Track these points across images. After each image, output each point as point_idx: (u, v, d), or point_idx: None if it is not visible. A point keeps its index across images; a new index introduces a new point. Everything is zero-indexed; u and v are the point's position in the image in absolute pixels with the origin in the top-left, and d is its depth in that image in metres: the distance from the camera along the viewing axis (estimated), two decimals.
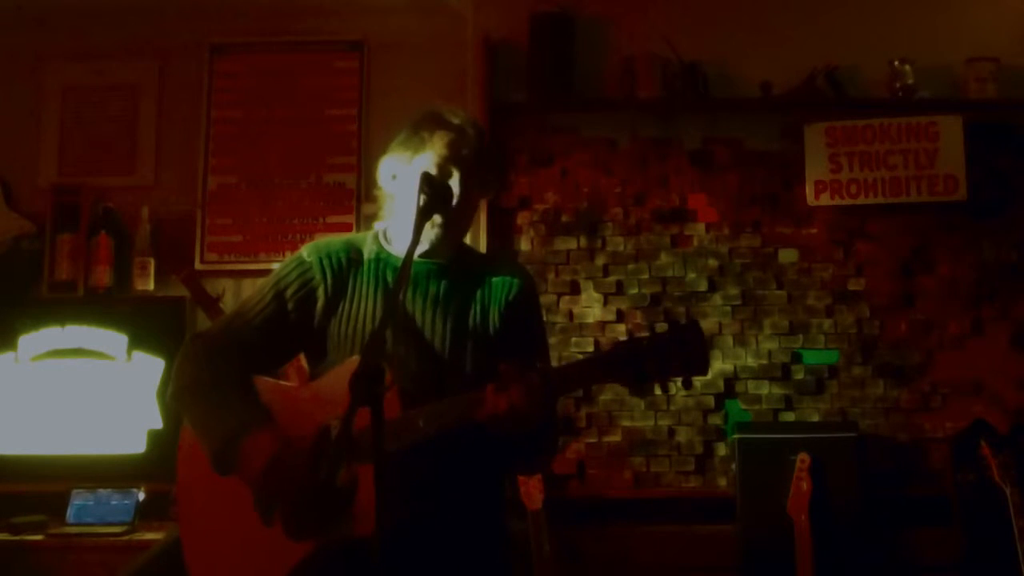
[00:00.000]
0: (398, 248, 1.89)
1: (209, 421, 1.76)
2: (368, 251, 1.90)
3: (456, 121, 1.87)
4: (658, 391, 1.62)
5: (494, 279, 1.90)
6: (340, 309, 1.85)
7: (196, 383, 1.81)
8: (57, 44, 3.72)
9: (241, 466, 1.69)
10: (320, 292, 1.85)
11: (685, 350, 1.57)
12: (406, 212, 1.82)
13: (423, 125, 1.87)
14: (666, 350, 1.57)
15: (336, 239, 1.95)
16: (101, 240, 3.48)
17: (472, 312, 1.87)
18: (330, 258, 1.87)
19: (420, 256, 1.83)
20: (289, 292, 1.86)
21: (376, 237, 1.93)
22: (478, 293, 1.88)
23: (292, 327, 1.86)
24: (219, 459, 1.72)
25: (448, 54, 3.60)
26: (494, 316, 1.88)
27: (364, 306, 1.84)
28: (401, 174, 1.88)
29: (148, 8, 3.65)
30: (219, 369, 1.80)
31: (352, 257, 1.89)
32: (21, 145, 3.68)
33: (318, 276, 1.86)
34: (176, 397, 1.84)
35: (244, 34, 3.71)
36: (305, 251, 1.90)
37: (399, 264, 1.83)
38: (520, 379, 1.61)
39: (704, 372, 1.61)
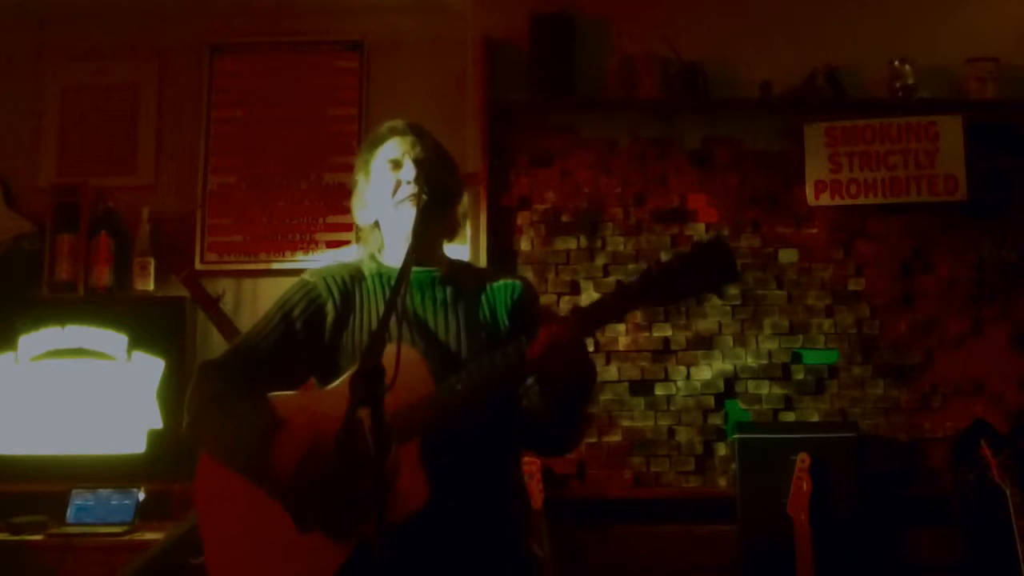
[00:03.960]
0: (395, 262, 1.90)
1: (232, 432, 1.73)
2: (368, 269, 1.93)
3: (388, 127, 1.94)
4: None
5: (495, 285, 1.94)
6: (350, 321, 1.85)
7: (213, 402, 1.79)
8: (57, 44, 3.73)
9: (274, 464, 1.67)
10: (329, 307, 1.86)
11: (715, 262, 1.60)
12: (389, 224, 1.89)
13: (364, 149, 1.95)
14: (697, 265, 1.60)
15: (333, 264, 1.99)
16: (101, 240, 3.48)
17: (481, 312, 1.90)
18: (333, 277, 1.89)
19: (421, 266, 1.85)
20: (296, 312, 1.86)
21: (372, 257, 1.96)
22: (483, 296, 1.92)
23: (302, 347, 1.86)
24: (249, 464, 1.69)
25: (448, 54, 3.61)
26: (502, 315, 1.90)
27: (373, 316, 1.85)
28: (368, 196, 1.94)
29: (148, 8, 3.65)
30: (234, 389, 1.79)
31: (354, 275, 1.91)
32: (21, 145, 3.69)
33: (324, 293, 1.87)
34: (194, 424, 1.80)
35: (244, 34, 3.71)
36: (307, 274, 1.92)
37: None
38: (559, 317, 1.64)
39: (735, 279, 1.66)
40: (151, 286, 3.49)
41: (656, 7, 3.53)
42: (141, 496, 3.17)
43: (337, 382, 1.80)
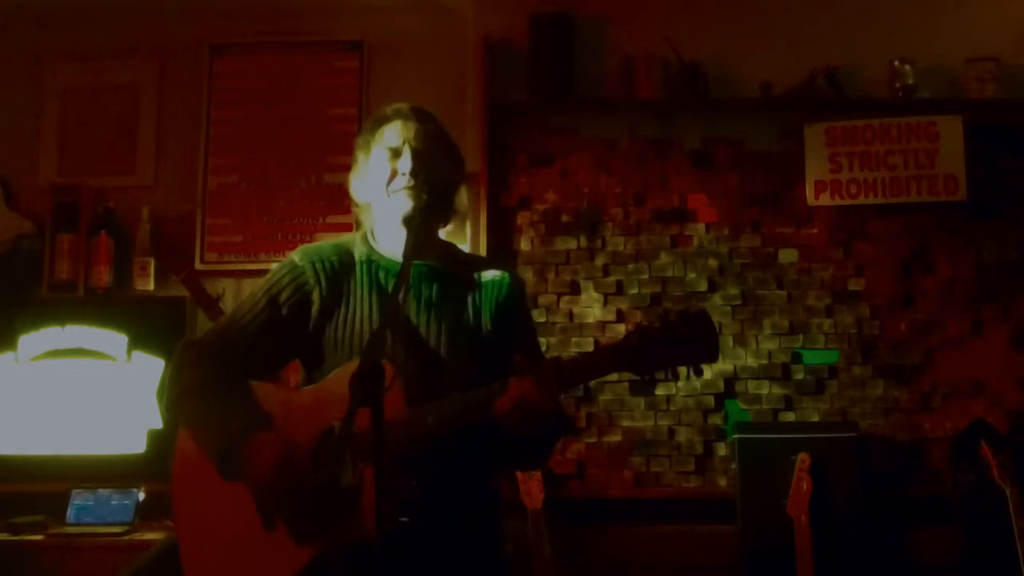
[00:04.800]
0: (386, 247, 1.90)
1: (210, 425, 1.73)
2: (359, 253, 1.90)
3: (393, 109, 1.91)
4: (665, 379, 1.63)
5: (484, 280, 1.92)
6: (336, 313, 1.84)
7: (193, 388, 1.79)
8: (57, 44, 3.73)
9: (246, 469, 1.67)
10: (315, 296, 1.84)
11: (696, 338, 1.60)
12: (382, 211, 1.87)
13: (367, 128, 1.93)
14: (677, 338, 1.59)
15: (326, 243, 1.95)
16: (101, 240, 3.48)
17: (466, 313, 1.88)
18: (323, 262, 1.86)
19: (406, 223, 1.83)
20: (283, 297, 1.84)
21: (365, 238, 1.93)
22: (470, 294, 1.90)
23: (287, 332, 1.85)
24: (223, 463, 1.70)
25: (448, 54, 3.61)
26: (486, 318, 1.89)
27: (360, 309, 1.83)
28: (365, 178, 1.92)
29: (148, 8, 3.66)
30: (216, 374, 1.79)
31: (344, 260, 1.88)
32: (21, 145, 3.69)
33: (311, 281, 1.85)
34: (173, 404, 1.81)
35: (244, 34, 3.72)
36: (296, 256, 1.89)
37: (390, 265, 1.86)
38: (533, 370, 1.63)
39: (714, 359, 1.63)
40: (151, 286, 3.49)
41: (656, 7, 3.53)
42: (141, 496, 3.17)
43: (318, 384, 1.80)
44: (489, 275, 1.93)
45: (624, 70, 3.46)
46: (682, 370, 1.65)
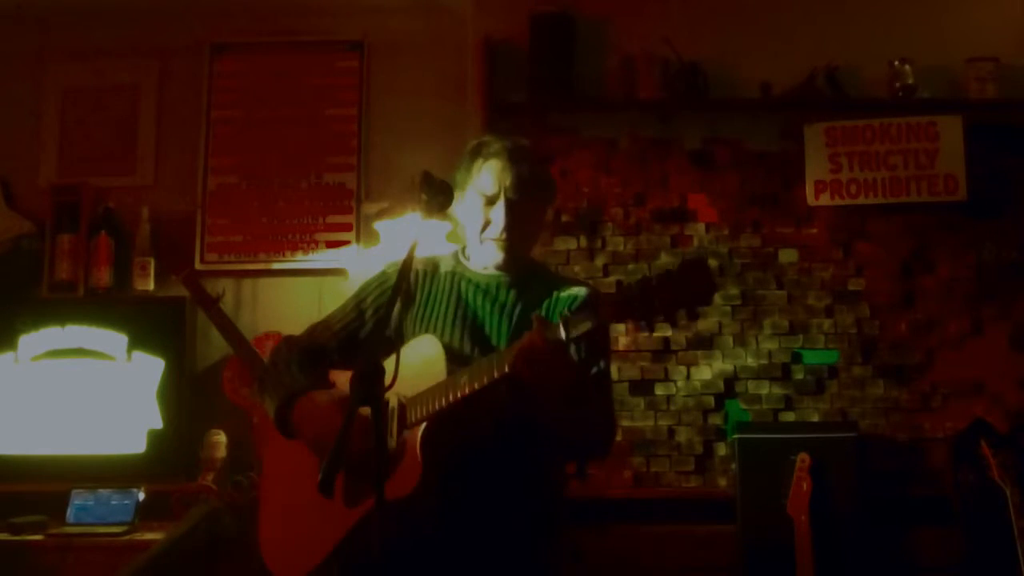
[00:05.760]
0: (475, 264, 1.99)
1: (275, 389, 1.92)
2: (445, 265, 2.01)
3: (492, 149, 1.96)
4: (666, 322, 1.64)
5: (562, 294, 1.96)
6: (415, 312, 1.95)
7: (273, 366, 1.98)
8: (58, 44, 3.73)
9: (298, 425, 1.83)
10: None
11: (692, 283, 1.61)
12: (474, 247, 1.97)
13: (466, 159, 1.99)
14: (674, 284, 1.61)
15: (417, 257, 2.03)
16: (101, 240, 3.49)
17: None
18: (412, 270, 1.96)
19: (497, 268, 1.95)
20: (368, 301, 2.00)
21: (456, 255, 2.04)
22: (544, 303, 1.95)
23: (370, 335, 1.98)
24: (279, 418, 1.86)
25: (448, 54, 3.61)
26: None
27: (437, 309, 1.94)
28: (458, 211, 1.99)
29: (148, 8, 3.66)
30: (295, 357, 1.96)
31: (428, 270, 2.01)
32: (21, 145, 3.69)
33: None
34: (258, 384, 2.03)
35: (244, 34, 3.72)
36: (387, 266, 2.05)
37: (475, 277, 1.96)
38: (540, 321, 1.66)
39: (708, 302, 1.65)
40: (151, 286, 3.49)
41: (656, 7, 3.53)
42: (141, 496, 3.17)
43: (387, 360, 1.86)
44: (568, 289, 1.98)
45: (624, 70, 3.46)
46: (680, 315, 1.65)
